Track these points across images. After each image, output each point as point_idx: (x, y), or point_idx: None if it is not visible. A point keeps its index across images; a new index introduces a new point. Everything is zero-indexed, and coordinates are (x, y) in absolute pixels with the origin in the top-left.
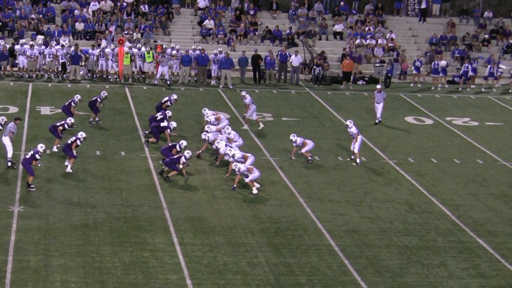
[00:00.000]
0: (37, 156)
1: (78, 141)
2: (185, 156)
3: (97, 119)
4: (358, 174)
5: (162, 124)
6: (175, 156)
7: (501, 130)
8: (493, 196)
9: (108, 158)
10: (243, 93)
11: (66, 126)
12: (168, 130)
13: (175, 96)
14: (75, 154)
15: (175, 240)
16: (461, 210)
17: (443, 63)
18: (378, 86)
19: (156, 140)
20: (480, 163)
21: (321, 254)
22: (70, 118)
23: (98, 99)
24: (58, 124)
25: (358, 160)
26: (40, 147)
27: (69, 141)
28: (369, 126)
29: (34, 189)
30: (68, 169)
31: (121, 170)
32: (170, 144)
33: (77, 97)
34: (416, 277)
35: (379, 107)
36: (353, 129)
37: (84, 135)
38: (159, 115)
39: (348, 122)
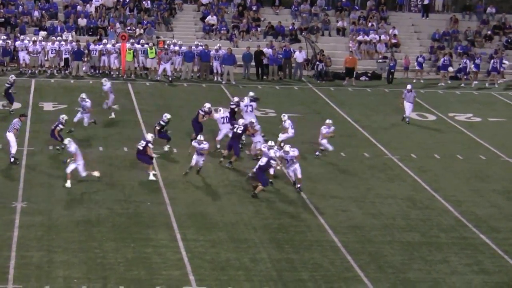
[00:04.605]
0: (150, 145)
1: (60, 126)
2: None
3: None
4: (361, 170)
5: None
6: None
7: (504, 126)
8: (496, 192)
9: (111, 154)
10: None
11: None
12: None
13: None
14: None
15: (177, 236)
16: (464, 206)
17: (450, 69)
18: (409, 86)
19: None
20: (483, 159)
21: (324, 250)
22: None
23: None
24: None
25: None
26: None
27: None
28: (372, 122)
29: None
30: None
31: (124, 166)
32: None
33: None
34: (418, 273)
35: (408, 106)
36: (286, 123)
37: (65, 117)
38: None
39: (283, 116)
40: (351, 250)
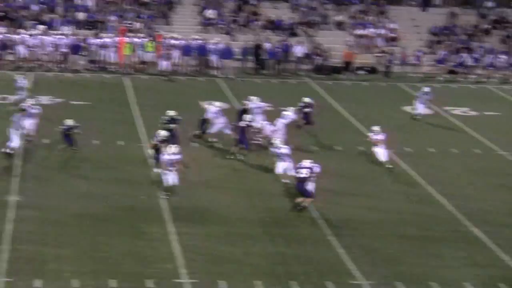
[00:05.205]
0: None
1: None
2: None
3: None
4: (356, 163)
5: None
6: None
7: (500, 121)
8: (491, 186)
9: (107, 148)
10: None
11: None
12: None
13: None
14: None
15: (171, 229)
16: (459, 199)
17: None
18: (426, 89)
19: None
20: (478, 153)
21: (317, 244)
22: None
23: None
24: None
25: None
26: None
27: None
28: (368, 116)
29: None
30: None
31: (119, 160)
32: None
33: None
34: (411, 266)
35: (421, 106)
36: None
37: (69, 122)
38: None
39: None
40: (344, 244)
